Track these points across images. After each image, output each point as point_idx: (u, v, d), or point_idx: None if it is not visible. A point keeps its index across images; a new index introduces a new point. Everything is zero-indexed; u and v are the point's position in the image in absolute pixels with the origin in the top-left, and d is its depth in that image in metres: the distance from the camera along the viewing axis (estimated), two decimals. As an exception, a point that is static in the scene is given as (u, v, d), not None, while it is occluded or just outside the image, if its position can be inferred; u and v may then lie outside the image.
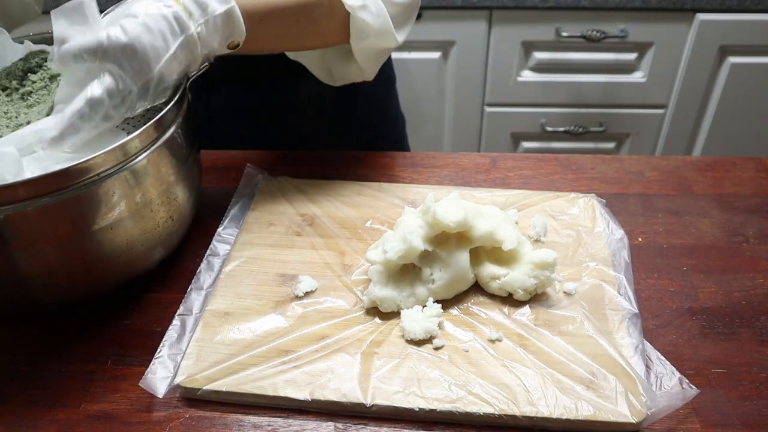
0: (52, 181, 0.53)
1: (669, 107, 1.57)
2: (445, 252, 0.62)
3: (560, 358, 0.57)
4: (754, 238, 0.73)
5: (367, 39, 0.72)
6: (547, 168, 0.85)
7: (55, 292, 0.60)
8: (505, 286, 0.63)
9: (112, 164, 0.56)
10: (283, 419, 0.55)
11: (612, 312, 0.62)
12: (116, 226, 0.59)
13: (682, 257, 0.70)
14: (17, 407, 0.57)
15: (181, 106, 0.65)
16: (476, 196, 0.76)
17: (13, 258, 0.55)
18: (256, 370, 0.57)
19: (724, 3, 1.39)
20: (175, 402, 0.57)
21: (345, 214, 0.75)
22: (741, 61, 1.48)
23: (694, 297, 0.66)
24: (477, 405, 0.54)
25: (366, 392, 0.55)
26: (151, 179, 0.61)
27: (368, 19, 0.70)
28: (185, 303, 0.64)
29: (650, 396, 0.54)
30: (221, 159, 0.87)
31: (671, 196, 0.79)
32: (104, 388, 0.58)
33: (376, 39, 0.72)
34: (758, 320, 0.63)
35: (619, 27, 1.46)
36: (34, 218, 0.54)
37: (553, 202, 0.76)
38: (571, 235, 0.71)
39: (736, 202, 0.78)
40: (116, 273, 0.63)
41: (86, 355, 0.61)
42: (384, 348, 0.59)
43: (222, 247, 0.71)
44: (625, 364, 0.56)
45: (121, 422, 0.55)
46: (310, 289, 0.65)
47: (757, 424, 0.54)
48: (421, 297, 0.62)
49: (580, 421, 0.53)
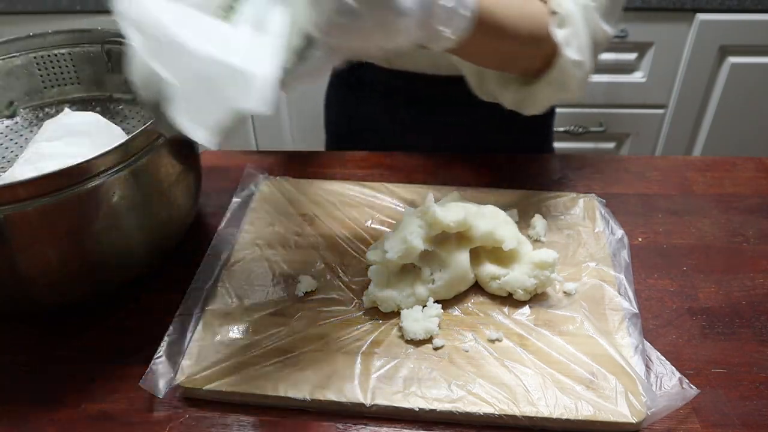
0: (52, 181, 0.53)
1: (669, 107, 1.57)
2: (445, 252, 0.62)
3: (560, 358, 0.57)
4: (754, 238, 0.73)
5: (567, 93, 0.67)
6: (547, 168, 0.85)
7: (55, 292, 0.60)
8: (505, 286, 0.63)
9: (112, 164, 0.56)
10: (283, 419, 0.55)
11: (612, 312, 0.62)
12: (116, 226, 0.59)
13: (682, 257, 0.70)
14: (17, 407, 0.57)
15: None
16: (476, 196, 0.76)
17: (13, 258, 0.55)
18: (256, 370, 0.57)
19: (724, 3, 1.39)
20: (175, 402, 0.57)
21: (345, 214, 0.75)
22: (741, 61, 1.47)
23: (694, 297, 0.66)
24: (477, 405, 0.54)
25: (366, 392, 0.55)
26: (151, 179, 0.61)
27: (574, 81, 0.66)
28: (185, 303, 0.64)
29: (650, 396, 0.54)
30: (221, 159, 0.87)
31: (671, 196, 0.79)
32: (104, 388, 0.58)
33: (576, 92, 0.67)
34: (758, 320, 0.63)
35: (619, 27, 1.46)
36: (34, 218, 0.54)
37: (553, 202, 0.76)
38: (571, 235, 0.71)
39: (736, 202, 0.78)
40: (116, 273, 0.63)
41: (86, 355, 0.61)
42: (384, 348, 0.59)
43: (222, 247, 0.71)
44: (625, 364, 0.56)
45: (121, 422, 0.55)
46: (310, 289, 0.65)
47: (757, 424, 0.54)
48: (421, 297, 0.62)
49: (580, 421, 0.53)
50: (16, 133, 0.77)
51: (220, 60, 0.40)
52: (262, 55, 0.41)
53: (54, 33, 0.77)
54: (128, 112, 0.79)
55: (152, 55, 0.41)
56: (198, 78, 0.41)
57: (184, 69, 0.41)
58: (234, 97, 0.41)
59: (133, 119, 0.78)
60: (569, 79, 0.65)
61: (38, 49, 0.77)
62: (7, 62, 0.76)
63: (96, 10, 1.44)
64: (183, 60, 0.40)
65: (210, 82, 0.41)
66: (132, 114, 0.79)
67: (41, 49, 0.77)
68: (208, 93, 0.41)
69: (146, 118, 0.77)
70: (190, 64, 0.40)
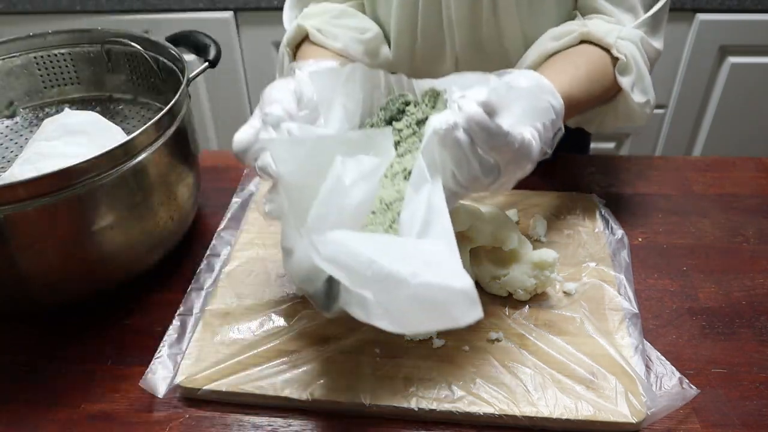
0: (52, 181, 0.53)
1: (669, 107, 1.57)
2: (445, 252, 0.62)
3: (560, 358, 0.57)
4: (754, 238, 0.73)
5: (633, 123, 0.73)
6: (547, 168, 0.84)
7: (55, 292, 0.60)
8: (505, 286, 0.63)
9: (113, 164, 0.56)
10: (283, 419, 0.55)
11: (612, 312, 0.62)
12: (116, 226, 0.59)
13: (682, 257, 0.70)
14: (17, 407, 0.57)
15: (181, 107, 0.65)
16: (476, 196, 0.75)
17: (13, 258, 0.55)
18: (256, 370, 0.57)
19: (724, 3, 1.39)
20: (175, 402, 0.57)
21: (345, 214, 0.74)
22: (741, 61, 1.47)
23: (694, 297, 0.65)
24: (477, 405, 0.54)
25: (366, 392, 0.55)
26: (151, 179, 0.61)
27: (642, 117, 0.71)
28: (185, 303, 0.64)
29: (650, 396, 0.54)
30: (221, 159, 0.87)
31: (671, 196, 0.79)
32: (104, 388, 0.58)
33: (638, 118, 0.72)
34: (758, 320, 0.63)
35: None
36: (34, 218, 0.54)
37: (553, 202, 0.76)
38: (571, 235, 0.71)
39: (736, 202, 0.78)
40: (116, 273, 0.63)
41: (86, 355, 0.61)
42: (384, 348, 0.59)
43: (222, 247, 0.71)
44: (625, 364, 0.56)
45: (121, 422, 0.55)
46: (310, 289, 0.65)
47: (757, 424, 0.54)
48: (421, 297, 0.62)
49: (580, 421, 0.53)
50: (16, 133, 0.76)
51: (436, 284, 0.43)
52: (455, 266, 0.44)
53: (54, 33, 0.77)
54: (128, 112, 0.79)
55: (359, 285, 0.44)
56: (411, 300, 0.43)
57: (395, 296, 0.43)
58: (451, 314, 0.43)
59: (133, 119, 0.78)
60: (635, 114, 0.71)
61: (38, 49, 0.77)
62: (7, 62, 0.76)
63: (96, 10, 1.44)
64: (395, 288, 0.43)
65: (425, 303, 0.43)
66: (132, 114, 0.79)
67: (41, 49, 0.77)
68: (421, 312, 0.44)
69: (146, 118, 0.78)
70: (402, 291, 0.43)
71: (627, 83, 0.68)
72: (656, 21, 0.71)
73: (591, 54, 0.68)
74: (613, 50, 0.67)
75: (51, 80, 0.79)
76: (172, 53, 0.71)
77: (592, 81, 0.66)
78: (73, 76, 0.79)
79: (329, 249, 0.44)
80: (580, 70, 0.65)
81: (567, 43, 0.69)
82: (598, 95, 0.68)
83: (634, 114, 0.71)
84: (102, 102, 0.80)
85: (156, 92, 0.78)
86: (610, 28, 0.68)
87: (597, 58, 0.68)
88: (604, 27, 0.68)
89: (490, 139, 0.48)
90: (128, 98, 0.80)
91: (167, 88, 0.74)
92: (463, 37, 0.76)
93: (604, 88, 0.68)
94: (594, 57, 0.68)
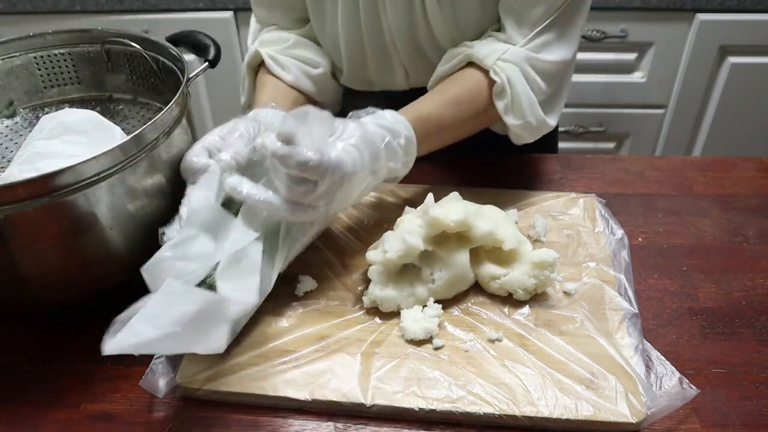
0: (53, 181, 0.53)
1: (669, 107, 1.57)
2: (445, 252, 0.62)
3: (560, 358, 0.57)
4: (754, 238, 0.73)
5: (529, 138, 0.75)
6: (547, 168, 0.85)
7: (55, 292, 0.60)
8: (505, 286, 0.63)
9: (112, 164, 0.56)
10: (283, 419, 0.55)
11: (612, 312, 0.62)
12: (116, 226, 0.59)
13: (682, 257, 0.70)
14: (17, 407, 0.57)
15: (180, 107, 0.65)
16: (476, 196, 0.75)
17: (13, 258, 0.55)
18: (256, 370, 0.57)
19: (724, 3, 1.39)
20: (175, 402, 0.57)
21: (345, 214, 0.75)
22: (741, 61, 1.47)
23: (694, 297, 0.65)
24: (477, 405, 0.54)
25: (366, 392, 0.55)
26: (151, 179, 0.61)
27: (525, 136, 0.74)
28: (185, 303, 0.64)
29: (650, 396, 0.54)
30: (221, 159, 0.86)
31: (671, 196, 0.79)
32: (104, 388, 0.58)
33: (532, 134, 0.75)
34: (758, 320, 0.63)
35: (619, 27, 1.46)
36: (34, 218, 0.54)
37: (553, 202, 0.76)
38: (571, 235, 0.71)
39: (736, 202, 0.78)
40: (116, 273, 0.63)
41: (86, 355, 0.61)
42: (384, 348, 0.59)
43: (222, 247, 0.70)
44: (625, 364, 0.56)
45: (121, 422, 0.55)
46: (310, 289, 0.65)
47: (757, 424, 0.54)
48: (421, 297, 0.62)
49: (580, 421, 0.53)
50: (16, 133, 0.76)
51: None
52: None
53: (54, 33, 0.77)
54: (128, 112, 0.79)
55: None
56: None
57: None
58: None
59: (133, 119, 0.78)
60: (515, 135, 0.75)
61: (38, 49, 0.77)
62: (7, 62, 0.76)
63: (96, 10, 1.44)
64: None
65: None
66: (132, 114, 0.78)
67: (41, 49, 0.77)
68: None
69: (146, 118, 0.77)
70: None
71: (501, 107, 0.71)
72: (560, 30, 0.72)
73: (467, 78, 0.72)
74: (491, 73, 0.70)
75: (51, 80, 0.79)
76: (172, 53, 0.71)
77: (459, 104, 0.71)
78: (73, 76, 0.79)
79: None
80: (446, 94, 0.71)
81: (455, 65, 0.74)
82: (472, 115, 0.72)
83: (513, 134, 0.74)
84: (102, 102, 0.80)
85: (156, 92, 0.78)
86: (492, 49, 0.71)
87: (471, 82, 0.72)
88: (485, 49, 0.71)
89: (288, 159, 0.55)
90: (128, 98, 0.80)
91: (167, 88, 0.74)
92: (404, 43, 0.78)
93: (477, 110, 0.72)
94: (468, 82, 0.72)
